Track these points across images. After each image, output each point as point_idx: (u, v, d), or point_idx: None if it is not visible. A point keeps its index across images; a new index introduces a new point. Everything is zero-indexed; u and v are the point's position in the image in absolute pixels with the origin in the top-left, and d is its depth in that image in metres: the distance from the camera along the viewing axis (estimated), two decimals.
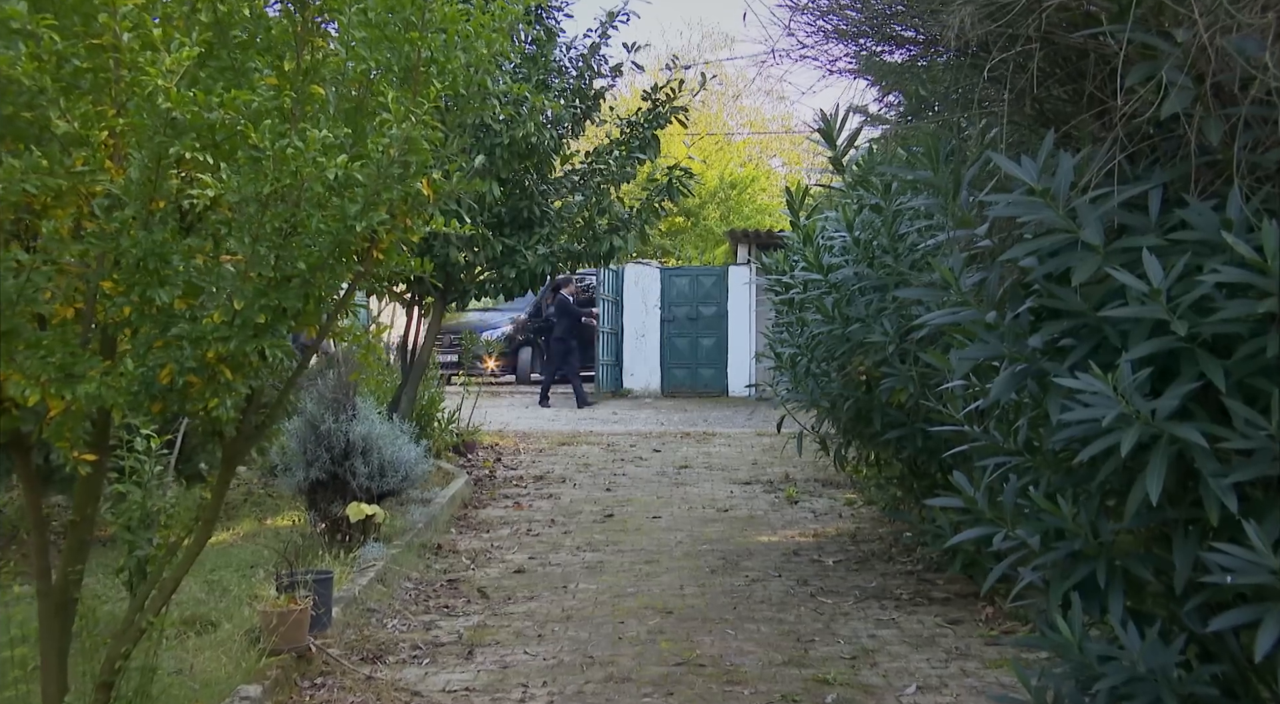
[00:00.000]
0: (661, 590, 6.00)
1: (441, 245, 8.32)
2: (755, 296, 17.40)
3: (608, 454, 11.40)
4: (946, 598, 5.66)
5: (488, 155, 8.06)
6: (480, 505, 8.62)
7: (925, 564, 6.33)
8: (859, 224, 5.60)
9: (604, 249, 8.76)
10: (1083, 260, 2.61)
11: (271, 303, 3.21)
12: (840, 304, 5.69)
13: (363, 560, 6.12)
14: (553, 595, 5.93)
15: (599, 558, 6.81)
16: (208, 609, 5.43)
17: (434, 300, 9.01)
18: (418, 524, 7.10)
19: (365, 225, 3.33)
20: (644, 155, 8.75)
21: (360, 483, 6.43)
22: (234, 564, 6.36)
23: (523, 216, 8.81)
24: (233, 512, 8.09)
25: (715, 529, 7.67)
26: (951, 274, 2.92)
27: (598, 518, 8.12)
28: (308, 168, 3.03)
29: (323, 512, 6.50)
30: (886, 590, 5.89)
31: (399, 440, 6.66)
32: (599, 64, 9.07)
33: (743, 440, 12.35)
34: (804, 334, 6.19)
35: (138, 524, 4.75)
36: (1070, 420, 2.64)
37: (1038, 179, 2.63)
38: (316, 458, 6.41)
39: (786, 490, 9.06)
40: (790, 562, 6.65)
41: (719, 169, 25.07)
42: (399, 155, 3.44)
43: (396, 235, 3.72)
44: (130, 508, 4.80)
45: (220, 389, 3.24)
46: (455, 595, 5.96)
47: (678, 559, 6.76)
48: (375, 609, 5.47)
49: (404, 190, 3.55)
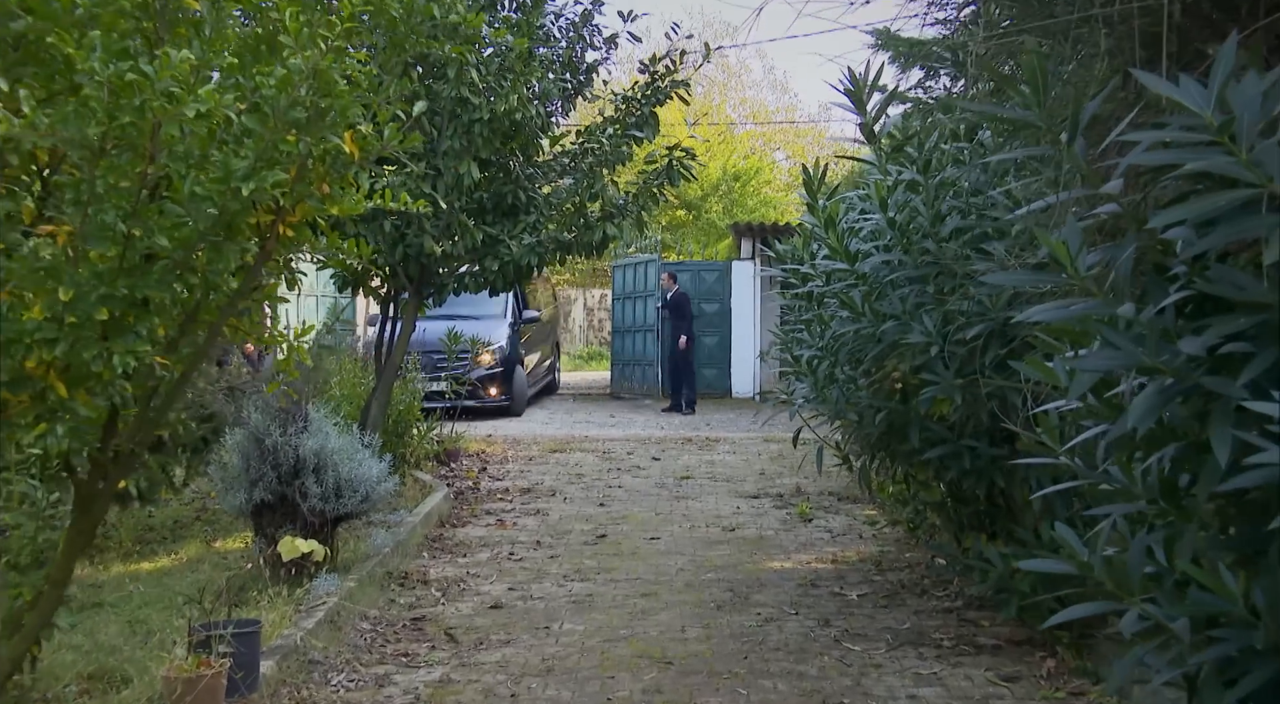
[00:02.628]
0: (659, 633, 5.14)
1: (415, 234, 7.45)
2: (761, 292, 16.54)
3: (602, 463, 10.54)
4: (997, 646, 4.80)
5: (465, 133, 7.18)
6: (459, 523, 7.76)
7: (965, 600, 5.46)
8: (892, 204, 4.73)
9: (596, 238, 7.89)
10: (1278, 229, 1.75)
11: (119, 293, 2.33)
12: (870, 298, 4.83)
13: (314, 596, 5.26)
14: (533, 639, 5.07)
15: (588, 589, 5.95)
16: (122, 659, 4.57)
17: (408, 296, 8.14)
18: (384, 549, 6.24)
19: (254, 188, 2.45)
20: (641, 134, 7.87)
21: (312, 505, 5.57)
22: (167, 598, 5.50)
23: (506, 203, 7.94)
24: (180, 532, 7.23)
25: (721, 553, 6.81)
26: (1065, 250, 2.05)
27: (589, 539, 7.26)
28: (156, 102, 2.15)
29: (269, 537, 5.63)
30: (923, 634, 5.02)
31: (358, 455, 5.79)
32: (591, 34, 8.20)
33: (748, 447, 11.48)
34: (826, 334, 5.32)
35: (27, 563, 3.89)
36: (1252, 463, 1.80)
37: (1212, 107, 1.76)
38: (261, 476, 5.55)
39: (799, 506, 8.19)
40: (808, 595, 5.78)
41: (722, 160, 24.21)
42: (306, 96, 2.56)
43: (310, 206, 2.84)
44: (18, 543, 3.93)
45: (49, 411, 2.36)
46: (419, 639, 5.09)
47: (678, 591, 5.89)
48: (320, 660, 4.60)
49: (316, 144, 2.67)
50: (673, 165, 7.97)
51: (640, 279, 17.22)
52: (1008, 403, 4.20)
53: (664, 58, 7.97)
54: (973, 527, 5.27)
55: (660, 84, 7.98)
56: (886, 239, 4.79)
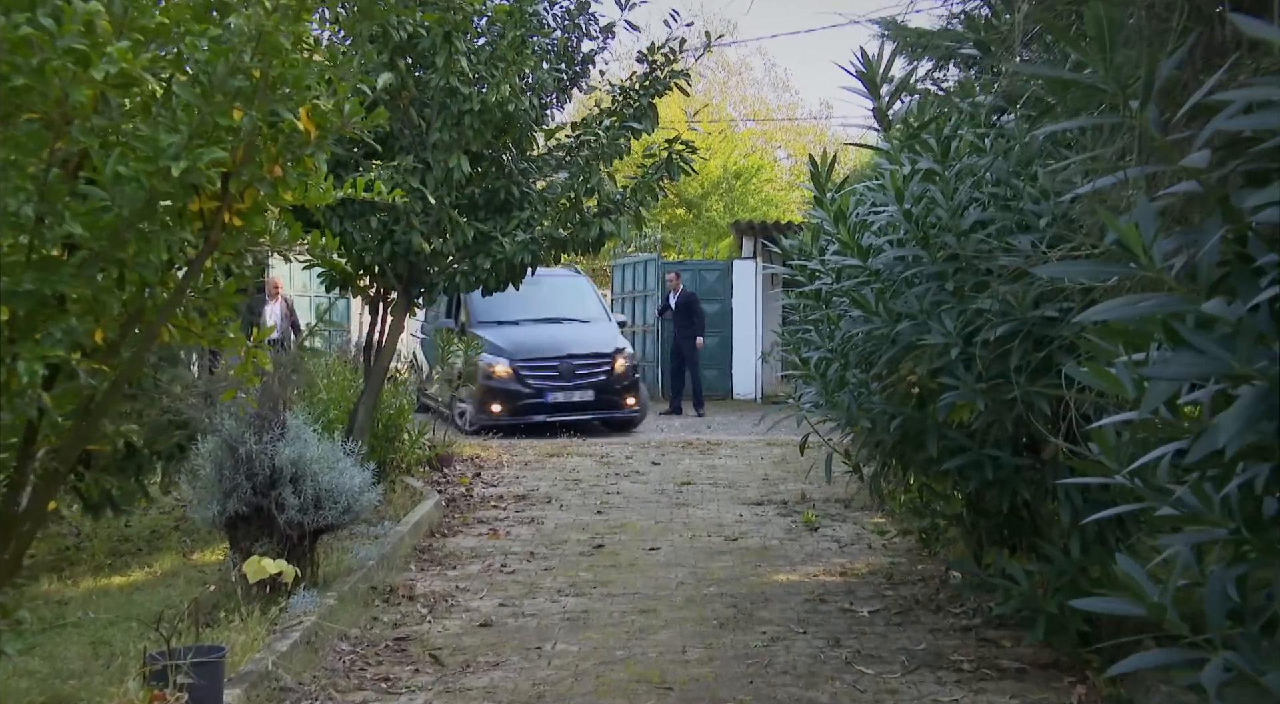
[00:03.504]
0: (659, 654, 4.81)
1: (403, 231, 7.12)
2: (763, 292, 16.22)
3: (600, 468, 10.21)
4: (1021, 669, 4.46)
5: (455, 124, 6.85)
6: (450, 533, 7.43)
7: (984, 617, 5.13)
8: (908, 195, 4.40)
9: (593, 235, 7.55)
10: None
11: (22, 288, 2.00)
12: (884, 296, 4.50)
13: (290, 615, 4.93)
14: (523, 661, 4.74)
15: (584, 605, 5.62)
16: (80, 685, 4.26)
17: (396, 296, 7.80)
18: (368, 562, 5.91)
19: (186, 167, 2.12)
20: (639, 126, 7.53)
21: (290, 517, 5.24)
22: (138, 614, 5.18)
23: (499, 198, 7.61)
24: (157, 542, 6.91)
25: (723, 565, 6.48)
26: (1136, 235, 1.72)
27: (585, 549, 6.93)
28: (58, 61, 1.82)
29: (245, 551, 5.30)
30: (941, 656, 4.69)
31: (340, 464, 5.46)
32: (587, 23, 7.86)
33: (751, 450, 11.15)
34: (836, 334, 4.99)
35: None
36: None
37: None
38: (235, 487, 5.21)
39: (804, 514, 7.86)
40: (816, 611, 5.45)
41: (723, 158, 23.89)
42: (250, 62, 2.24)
43: (262, 191, 2.51)
44: None
45: None
46: (401, 661, 4.76)
47: (679, 607, 5.56)
48: (292, 688, 4.28)
49: (264, 119, 2.34)
50: (672, 158, 7.63)
51: (640, 278, 16.91)
52: (1035, 409, 3.87)
53: (663, 47, 7.63)
54: (993, 541, 4.94)
55: (659, 74, 7.64)
56: (901, 232, 4.46)
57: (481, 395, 12.44)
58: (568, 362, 12.51)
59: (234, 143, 2.27)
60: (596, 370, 12.62)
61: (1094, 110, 1.82)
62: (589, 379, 12.57)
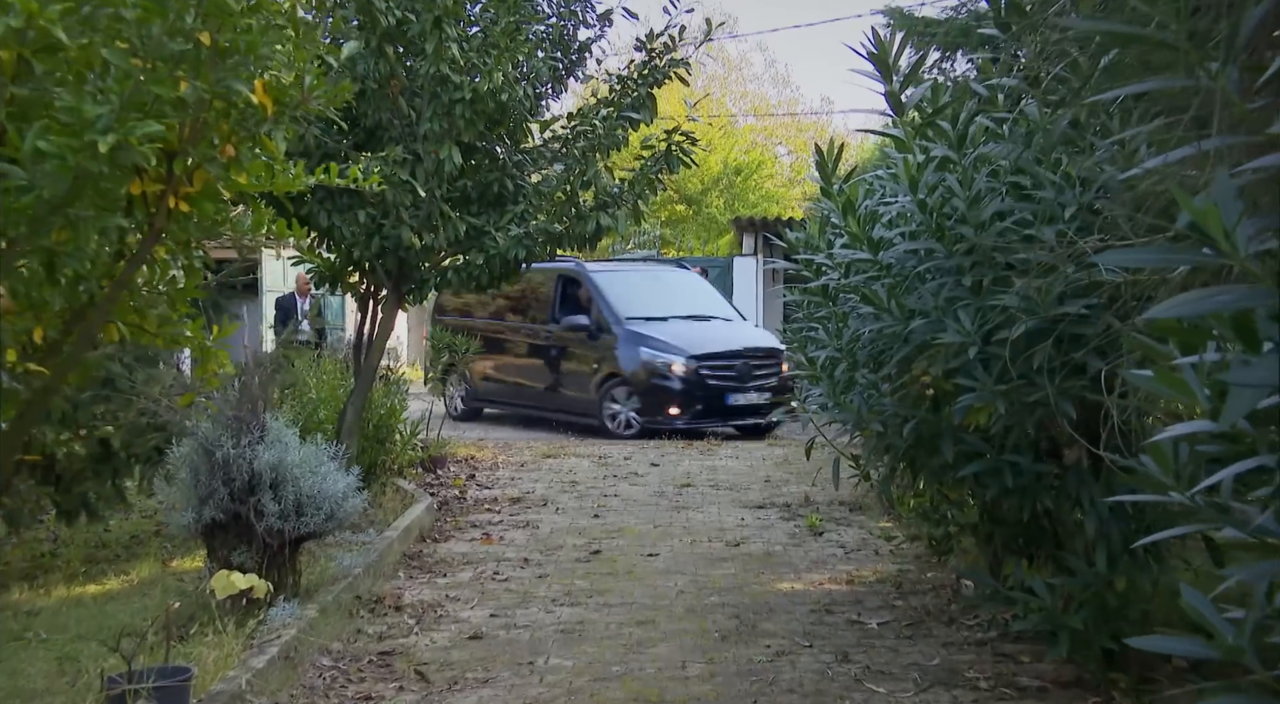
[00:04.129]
0: (657, 669, 4.55)
1: (393, 225, 6.86)
2: (764, 289, 15.98)
3: (598, 469, 9.95)
4: (1042, 688, 4.21)
5: (446, 114, 6.59)
6: (441, 538, 7.17)
7: (999, 630, 4.88)
8: (922, 185, 4.14)
9: (589, 230, 7.29)
10: None
11: None
12: (896, 292, 4.24)
13: (269, 627, 4.68)
14: (514, 677, 4.48)
15: (579, 616, 5.36)
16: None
17: (386, 292, 7.54)
18: (354, 570, 5.65)
19: (115, 142, 1.84)
20: (638, 116, 7.27)
21: (270, 524, 4.98)
22: (109, 627, 4.91)
23: (492, 191, 7.35)
24: (135, 549, 6.65)
25: (724, 572, 6.23)
26: (1217, 217, 1.47)
27: (581, 555, 6.67)
28: None
29: (223, 560, 5.05)
30: (956, 672, 4.44)
31: (323, 468, 5.20)
32: (584, 10, 7.60)
33: (752, 452, 10.89)
34: (844, 333, 4.73)
35: None
36: None
37: None
38: (212, 492, 4.95)
39: (808, 517, 7.61)
40: (823, 623, 5.20)
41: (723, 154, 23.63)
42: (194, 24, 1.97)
43: (213, 173, 2.24)
44: None
45: None
46: (385, 678, 4.51)
47: (678, 618, 5.31)
48: None
49: (213, 92, 2.07)
50: (671, 150, 7.37)
51: None
52: (1061, 413, 3.61)
53: (661, 34, 7.37)
54: (1010, 550, 4.69)
55: (658, 63, 7.38)
56: (915, 225, 4.20)
57: (654, 395, 11.56)
58: (745, 361, 11.62)
59: (178, 117, 2.01)
60: (769, 371, 11.74)
61: (1159, 74, 1.55)
62: (763, 380, 11.69)
